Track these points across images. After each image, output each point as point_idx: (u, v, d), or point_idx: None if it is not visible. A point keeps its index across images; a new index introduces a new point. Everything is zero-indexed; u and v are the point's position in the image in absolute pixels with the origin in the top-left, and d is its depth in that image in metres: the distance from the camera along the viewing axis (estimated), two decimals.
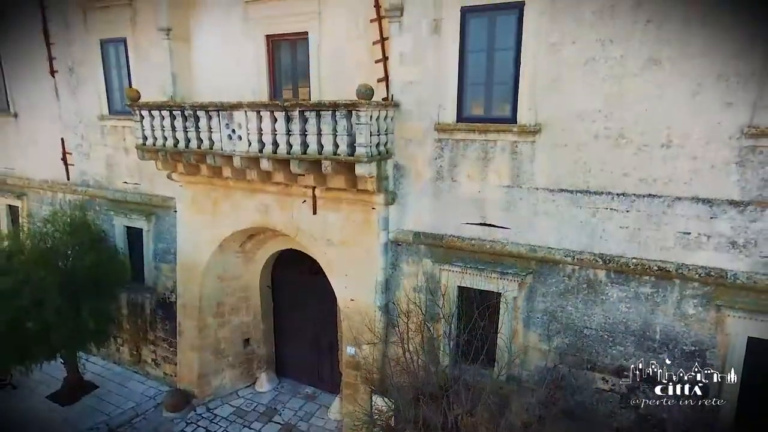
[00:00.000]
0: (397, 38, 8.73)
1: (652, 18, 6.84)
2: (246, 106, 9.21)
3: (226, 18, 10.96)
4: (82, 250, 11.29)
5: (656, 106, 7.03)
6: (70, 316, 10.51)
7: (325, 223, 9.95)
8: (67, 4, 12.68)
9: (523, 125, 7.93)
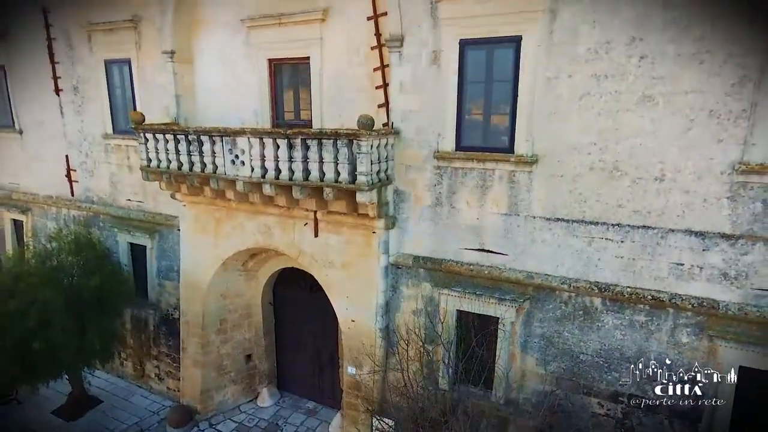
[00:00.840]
0: (397, 68, 8.90)
1: (646, 55, 7.02)
2: (249, 132, 9.39)
3: (229, 41, 11.14)
4: (87, 269, 11.47)
5: (650, 140, 7.20)
6: (76, 335, 10.71)
7: (327, 246, 10.12)
8: (72, 24, 12.85)
9: (520, 155, 8.11)
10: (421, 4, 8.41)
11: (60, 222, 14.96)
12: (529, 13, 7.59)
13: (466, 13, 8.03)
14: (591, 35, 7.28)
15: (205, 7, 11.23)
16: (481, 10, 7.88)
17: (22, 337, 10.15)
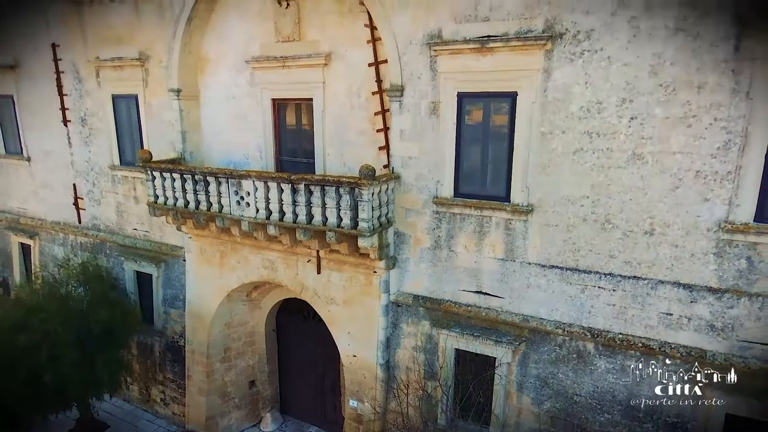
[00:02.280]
0: (398, 116, 9.21)
1: (635, 116, 7.32)
2: (254, 175, 9.71)
3: (234, 80, 11.44)
4: (95, 302, 11.77)
5: (640, 196, 7.51)
6: (85, 368, 10.99)
7: (329, 283, 10.43)
8: (80, 59, 13.15)
9: (516, 205, 8.41)
10: (420, 58, 8.72)
11: (67, 248, 15.28)
12: (524, 71, 7.90)
13: (463, 68, 8.34)
14: (583, 95, 7.58)
15: (210, 46, 11.54)
16: (478, 66, 8.18)
17: (33, 371, 10.45)
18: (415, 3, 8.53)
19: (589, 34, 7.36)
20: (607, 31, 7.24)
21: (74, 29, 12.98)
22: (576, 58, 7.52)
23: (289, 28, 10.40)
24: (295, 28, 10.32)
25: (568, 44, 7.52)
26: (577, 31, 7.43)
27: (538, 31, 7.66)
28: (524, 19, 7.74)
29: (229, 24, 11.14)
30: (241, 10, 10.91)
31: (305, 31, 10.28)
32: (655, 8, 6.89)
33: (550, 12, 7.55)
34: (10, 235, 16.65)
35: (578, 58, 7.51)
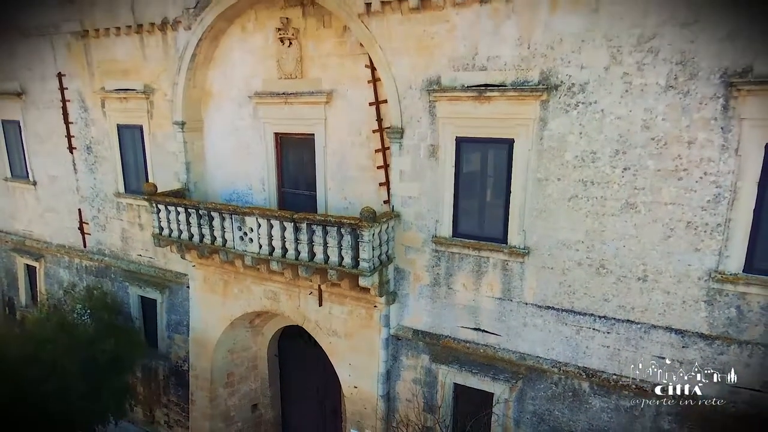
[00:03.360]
0: (398, 157, 9.43)
1: (628, 167, 7.54)
2: (257, 213, 9.94)
3: (238, 114, 11.66)
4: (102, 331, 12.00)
5: (633, 243, 7.73)
6: (92, 397, 11.22)
7: (330, 315, 10.65)
8: (86, 89, 13.40)
9: (513, 247, 8.63)
10: (419, 102, 8.94)
11: (72, 271, 15.51)
12: (521, 119, 8.12)
13: (461, 114, 8.56)
14: (578, 144, 7.81)
15: (214, 81, 11.76)
16: (476, 113, 8.40)
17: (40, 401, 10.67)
18: (414, 50, 8.75)
19: (584, 87, 7.58)
20: (601, 86, 7.46)
21: (80, 60, 13.22)
22: (571, 109, 7.74)
23: (291, 66, 10.62)
24: (297, 66, 10.54)
25: (563, 96, 7.74)
26: (571, 84, 7.66)
27: (534, 82, 7.88)
28: (521, 70, 7.96)
29: (233, 60, 11.37)
30: (245, 47, 11.13)
31: (307, 69, 10.50)
32: (646, 66, 7.11)
33: (546, 64, 7.77)
34: (15, 256, 16.89)
35: (573, 110, 7.73)
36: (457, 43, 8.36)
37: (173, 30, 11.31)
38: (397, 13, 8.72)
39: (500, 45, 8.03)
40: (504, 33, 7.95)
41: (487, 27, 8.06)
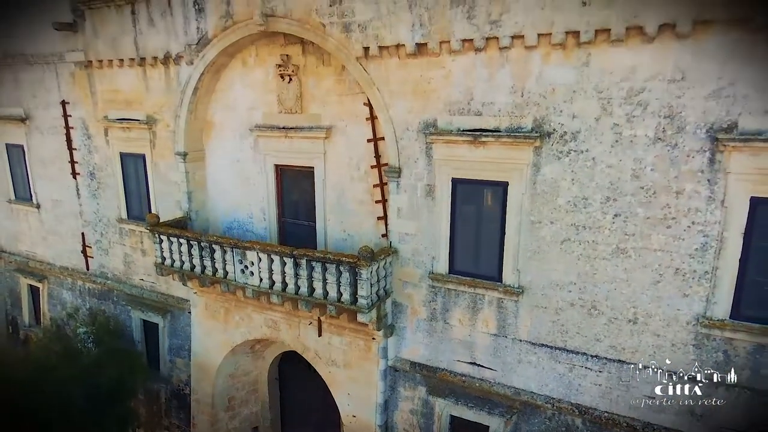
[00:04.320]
0: (395, 195, 9.64)
1: (619, 213, 7.76)
2: (258, 247, 10.16)
3: (239, 145, 11.88)
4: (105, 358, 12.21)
5: (624, 287, 7.94)
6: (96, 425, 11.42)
7: (330, 345, 10.86)
8: (89, 118, 13.61)
9: (507, 286, 8.85)
10: (416, 143, 9.16)
11: (75, 293, 15.72)
12: (515, 163, 8.34)
13: (457, 156, 8.77)
14: (570, 190, 8.02)
15: (216, 112, 11.99)
16: (471, 156, 8.62)
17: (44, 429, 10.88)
18: (412, 94, 8.98)
19: (575, 136, 7.80)
20: (592, 135, 7.68)
21: (84, 89, 13.44)
22: (563, 156, 7.96)
23: (291, 102, 10.85)
24: (297, 101, 10.77)
25: (556, 143, 7.96)
26: (564, 132, 7.88)
27: (528, 129, 8.10)
28: (514, 116, 8.18)
29: (234, 93, 11.59)
30: (245, 81, 11.36)
31: (307, 105, 10.73)
32: (636, 118, 7.33)
33: (539, 112, 7.99)
34: (19, 277, 17.10)
35: (565, 157, 7.95)
36: (453, 89, 8.59)
37: (176, 64, 11.53)
38: (395, 58, 8.94)
39: (495, 92, 8.25)
40: (498, 81, 8.17)
41: (482, 74, 8.28)
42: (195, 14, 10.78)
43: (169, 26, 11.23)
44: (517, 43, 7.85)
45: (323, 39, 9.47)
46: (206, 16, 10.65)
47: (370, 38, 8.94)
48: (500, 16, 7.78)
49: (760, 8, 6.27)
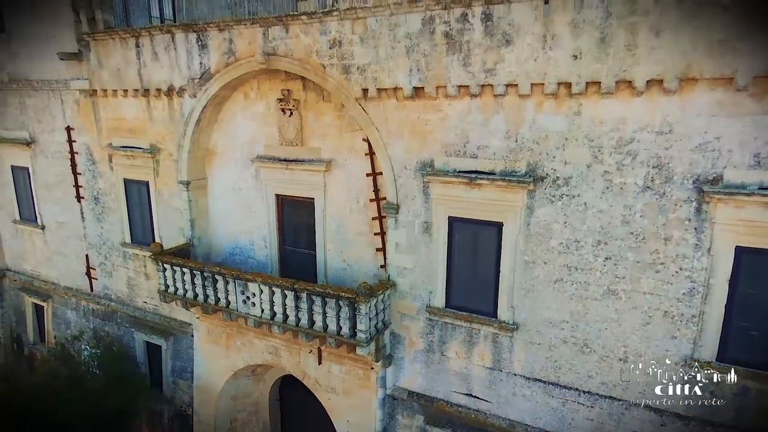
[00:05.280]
0: (393, 231, 9.89)
1: (610, 256, 8.01)
2: (260, 280, 10.40)
3: (240, 175, 12.13)
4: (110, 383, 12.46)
5: (614, 326, 8.19)
6: None
7: (330, 374, 11.11)
8: (93, 144, 13.87)
9: (502, 321, 9.09)
10: (414, 182, 9.41)
11: (79, 313, 15.97)
12: (510, 205, 8.58)
13: (453, 196, 9.02)
14: (563, 233, 8.27)
15: (218, 142, 12.24)
16: (467, 196, 8.86)
17: None
18: (409, 134, 9.22)
19: (568, 181, 8.05)
20: (584, 181, 7.93)
21: (89, 116, 13.69)
22: (556, 200, 8.21)
23: (292, 135, 11.10)
24: (298, 134, 11.02)
25: (549, 187, 8.21)
26: (556, 177, 8.12)
27: (522, 173, 8.35)
28: (509, 160, 8.43)
29: (236, 124, 11.85)
30: (247, 113, 11.62)
31: (307, 138, 10.98)
32: (625, 167, 7.58)
33: (532, 157, 8.24)
34: (24, 295, 17.35)
35: (558, 200, 8.19)
36: (450, 131, 8.83)
37: (179, 96, 11.78)
38: (393, 99, 9.19)
39: (490, 136, 8.50)
40: (493, 126, 8.42)
41: (477, 119, 8.53)
42: (198, 50, 11.03)
43: (172, 60, 11.48)
44: (511, 91, 8.10)
45: (323, 79, 9.72)
46: (209, 52, 10.90)
47: (369, 80, 9.19)
48: (495, 65, 8.03)
49: (741, 70, 6.51)
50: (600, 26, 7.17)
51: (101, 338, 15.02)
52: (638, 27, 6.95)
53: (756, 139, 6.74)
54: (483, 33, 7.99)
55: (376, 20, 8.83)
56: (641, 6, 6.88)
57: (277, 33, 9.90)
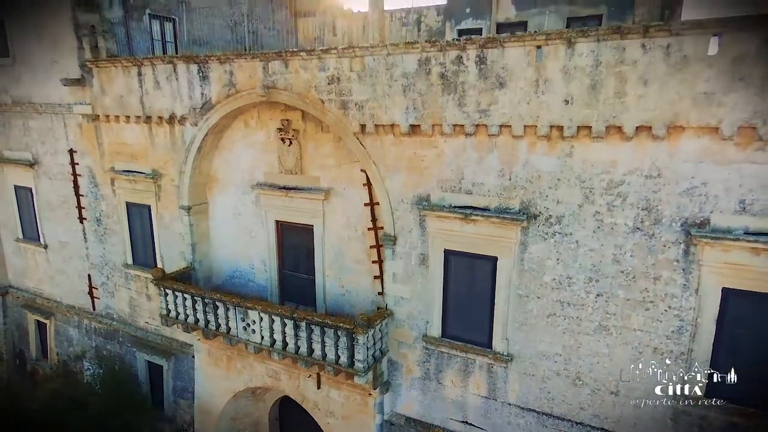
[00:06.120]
0: (390, 261, 10.09)
1: (601, 293, 8.21)
2: (260, 308, 10.61)
3: (240, 200, 12.34)
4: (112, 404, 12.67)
5: (606, 361, 8.39)
6: None
7: (328, 398, 11.31)
8: (96, 167, 14.07)
9: (497, 352, 9.29)
10: (411, 215, 9.61)
11: (82, 330, 16.18)
12: (504, 240, 8.79)
13: (449, 229, 9.22)
14: (555, 269, 8.48)
15: (219, 168, 12.45)
16: (462, 231, 9.06)
17: None
18: (406, 169, 9.43)
19: (560, 220, 8.26)
20: (576, 220, 8.13)
21: (91, 140, 13.90)
22: (549, 237, 8.41)
23: (291, 163, 11.30)
24: (297, 163, 11.22)
25: (542, 225, 8.42)
26: (549, 215, 8.33)
27: (515, 210, 8.56)
28: (503, 197, 8.64)
29: (237, 151, 12.05)
30: (247, 141, 11.82)
31: (306, 167, 11.18)
32: (616, 208, 7.78)
33: (526, 196, 8.44)
34: (26, 313, 17.55)
35: (551, 238, 8.40)
36: (445, 167, 9.04)
37: (180, 124, 11.99)
38: (390, 135, 9.39)
39: (484, 173, 8.71)
40: (488, 164, 8.63)
41: (472, 156, 8.73)
42: (199, 81, 11.24)
43: (174, 90, 11.69)
44: (504, 131, 8.31)
45: (322, 113, 9.93)
46: (210, 83, 11.11)
47: (367, 116, 9.40)
48: (489, 107, 8.23)
49: (726, 121, 6.72)
50: (590, 74, 7.38)
51: (103, 357, 15.26)
52: (627, 76, 7.16)
53: (741, 186, 6.95)
54: (477, 75, 8.20)
55: (373, 59, 9.04)
56: (629, 56, 7.09)
57: (276, 67, 10.11)
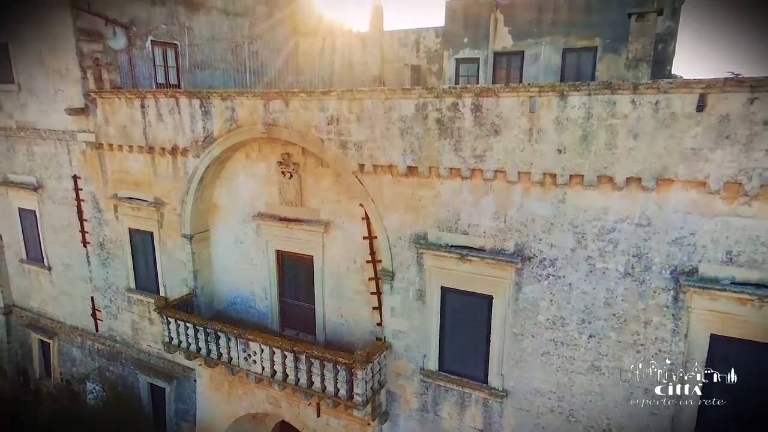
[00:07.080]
0: (389, 296, 10.30)
1: (593, 334, 8.41)
2: (261, 340, 10.82)
3: (242, 229, 12.55)
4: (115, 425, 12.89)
5: (598, 400, 8.59)
6: None
7: (328, 426, 11.51)
8: (99, 192, 14.30)
9: (492, 388, 9.50)
10: (408, 252, 9.82)
11: (85, 351, 16.40)
12: (499, 280, 9.00)
13: (446, 267, 9.43)
14: (549, 309, 8.68)
15: (220, 197, 12.67)
16: (459, 269, 9.27)
17: None
18: (404, 208, 9.64)
19: (553, 262, 8.47)
20: (568, 263, 8.34)
21: (95, 167, 14.12)
22: (542, 279, 8.62)
23: (292, 195, 11.51)
24: (298, 195, 11.43)
25: (536, 267, 8.63)
26: (543, 258, 8.54)
27: (510, 252, 8.76)
28: (498, 239, 8.84)
29: (238, 182, 12.27)
30: (249, 172, 12.04)
31: (306, 200, 11.39)
32: (607, 254, 7.99)
33: (520, 238, 8.65)
34: (30, 333, 17.77)
35: (544, 280, 8.61)
36: (442, 208, 9.25)
37: (183, 156, 12.21)
38: (388, 175, 9.61)
39: (480, 215, 8.92)
40: (483, 206, 8.84)
41: (468, 199, 8.95)
42: (201, 115, 11.46)
43: (176, 123, 11.92)
44: (499, 176, 8.52)
45: (322, 150, 10.15)
46: (212, 117, 11.33)
47: (365, 156, 9.61)
48: (484, 152, 8.45)
49: (713, 176, 6.94)
50: (582, 125, 7.59)
51: (106, 378, 15.47)
52: (617, 129, 7.38)
53: (728, 237, 7.15)
54: (473, 122, 8.42)
55: (371, 102, 9.26)
56: (620, 110, 7.30)
57: (277, 106, 10.32)
